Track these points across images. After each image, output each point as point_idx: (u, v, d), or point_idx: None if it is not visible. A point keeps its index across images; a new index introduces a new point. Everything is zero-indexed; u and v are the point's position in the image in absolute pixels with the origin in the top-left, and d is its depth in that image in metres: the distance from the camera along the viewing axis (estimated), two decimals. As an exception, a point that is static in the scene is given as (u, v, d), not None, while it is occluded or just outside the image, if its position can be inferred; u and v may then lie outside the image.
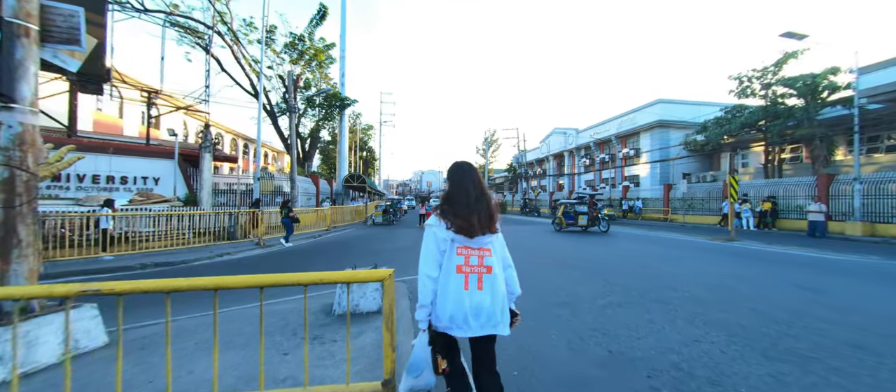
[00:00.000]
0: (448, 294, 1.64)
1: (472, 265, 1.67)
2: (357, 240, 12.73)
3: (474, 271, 1.67)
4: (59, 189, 11.84)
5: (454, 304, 1.62)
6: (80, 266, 7.60)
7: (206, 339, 3.30)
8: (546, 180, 47.21)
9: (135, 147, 13.95)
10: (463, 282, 1.64)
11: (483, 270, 1.68)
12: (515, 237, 12.87)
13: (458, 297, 1.62)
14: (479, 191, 1.74)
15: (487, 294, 1.65)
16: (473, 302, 1.63)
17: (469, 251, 1.69)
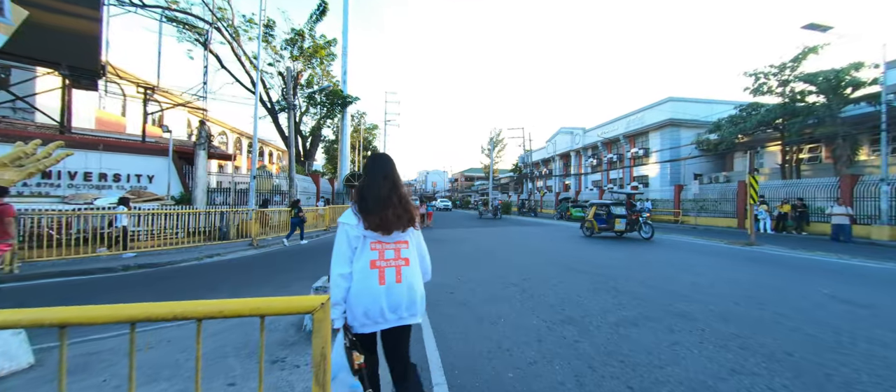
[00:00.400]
0: (362, 290, 1.61)
1: (387, 259, 1.66)
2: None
3: (391, 265, 1.66)
4: (49, 187, 11.55)
5: (370, 300, 1.61)
6: (62, 266, 7.22)
7: (146, 365, 2.81)
8: (552, 180, 46.41)
9: (128, 144, 13.65)
10: (378, 277, 1.62)
11: (401, 263, 1.68)
12: (531, 238, 12.31)
13: (373, 293, 1.61)
14: (391, 184, 1.70)
15: (405, 287, 1.66)
16: (391, 296, 1.63)
17: (383, 245, 1.67)
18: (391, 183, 1.72)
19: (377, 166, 1.77)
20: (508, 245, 10.79)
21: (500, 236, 13.56)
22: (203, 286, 5.96)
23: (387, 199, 1.68)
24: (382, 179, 1.72)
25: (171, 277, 6.68)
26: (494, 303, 4.63)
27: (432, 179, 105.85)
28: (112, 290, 5.78)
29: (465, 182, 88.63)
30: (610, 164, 33.87)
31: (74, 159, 11.63)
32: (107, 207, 9.68)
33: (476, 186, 77.09)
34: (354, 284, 1.62)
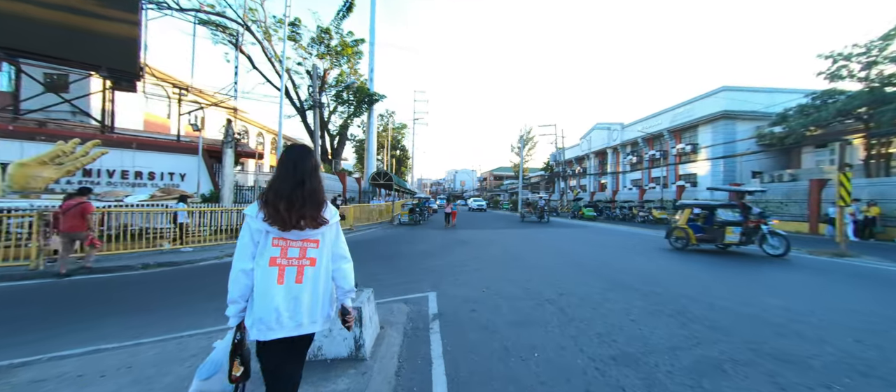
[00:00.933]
0: (260, 289, 1.51)
1: (290, 257, 1.56)
2: (377, 241, 11.75)
3: (293, 264, 1.55)
4: (91, 184, 12.03)
5: (266, 300, 1.50)
6: (135, 259, 7.19)
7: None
8: (586, 179, 44.03)
9: (160, 143, 14.03)
10: (276, 275, 1.52)
11: (305, 262, 1.57)
12: (563, 241, 11.20)
13: (270, 293, 1.50)
14: (297, 177, 1.57)
15: (307, 289, 1.55)
16: (289, 298, 1.52)
17: (287, 242, 1.56)
18: (298, 176, 1.59)
19: (287, 157, 1.64)
20: (540, 250, 9.77)
21: (531, 240, 12.51)
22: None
23: (288, 191, 1.56)
24: (290, 171, 1.60)
25: (191, 277, 6.39)
26: (526, 327, 3.75)
27: (461, 178, 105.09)
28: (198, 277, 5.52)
29: (495, 181, 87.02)
30: (652, 162, 31.32)
31: (112, 158, 12.03)
32: (136, 204, 9.80)
33: (505, 185, 75.33)
34: (255, 282, 1.53)
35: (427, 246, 10.55)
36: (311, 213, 1.56)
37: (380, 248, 10.02)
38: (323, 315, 1.59)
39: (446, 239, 12.38)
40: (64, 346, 3.22)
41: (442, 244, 10.90)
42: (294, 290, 1.52)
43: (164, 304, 4.76)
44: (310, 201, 1.57)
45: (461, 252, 9.20)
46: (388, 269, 6.97)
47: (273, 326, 1.49)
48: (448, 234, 14.32)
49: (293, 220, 1.53)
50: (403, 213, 19.65)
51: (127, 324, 3.90)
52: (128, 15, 13.78)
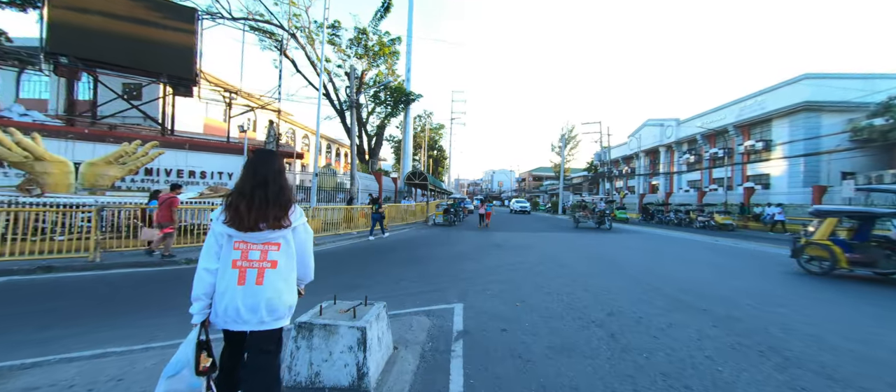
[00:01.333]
0: (222, 288, 1.61)
1: (251, 260, 1.62)
2: (408, 243, 11.46)
3: (253, 266, 1.61)
4: (151, 182, 13.06)
5: (228, 299, 1.59)
6: (130, 257, 7.63)
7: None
8: (635, 180, 40.94)
9: (211, 144, 14.90)
10: (237, 276, 1.60)
11: (266, 265, 1.63)
12: (608, 247, 10.11)
13: (231, 292, 1.59)
14: (262, 179, 1.64)
15: (266, 289, 1.61)
16: (251, 296, 1.59)
17: (248, 245, 1.63)
18: (259, 177, 1.65)
19: (250, 161, 1.75)
20: (584, 257, 8.84)
21: (573, 245, 11.51)
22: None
23: (249, 191, 1.63)
24: (251, 174, 1.67)
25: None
26: (567, 357, 3.10)
27: (498, 179, 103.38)
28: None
29: (534, 182, 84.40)
30: (713, 161, 28.16)
31: (168, 158, 12.96)
32: (185, 201, 10.37)
33: (545, 186, 72.70)
34: (217, 282, 1.62)
35: (459, 248, 10.04)
36: (276, 212, 1.62)
37: (409, 250, 9.69)
38: (287, 310, 1.67)
39: (480, 242, 11.78)
40: (86, 344, 3.15)
41: (475, 247, 10.33)
42: (253, 290, 1.59)
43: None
44: (274, 202, 1.62)
45: (495, 257, 8.57)
46: (415, 273, 6.56)
47: (236, 320, 1.59)
48: (482, 236, 13.71)
49: (252, 220, 1.59)
50: (438, 213, 19.33)
51: (144, 324, 3.83)
52: (186, 25, 14.85)
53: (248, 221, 1.59)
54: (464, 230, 16.41)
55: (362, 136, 22.50)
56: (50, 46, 12.40)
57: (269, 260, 1.63)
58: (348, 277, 6.21)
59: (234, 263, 1.60)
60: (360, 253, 9.26)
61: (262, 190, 1.62)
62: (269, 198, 1.62)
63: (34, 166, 9.41)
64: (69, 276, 6.25)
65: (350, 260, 8.08)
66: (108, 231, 8.42)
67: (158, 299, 4.82)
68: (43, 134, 11.25)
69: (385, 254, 9.00)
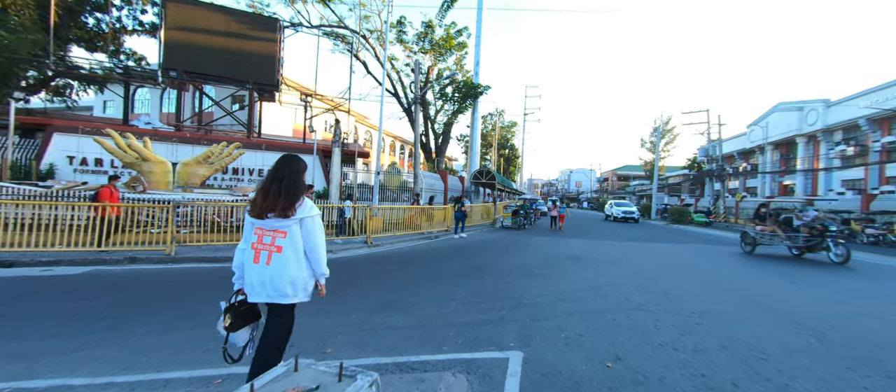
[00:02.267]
0: (243, 264, 2.05)
1: (264, 243, 1.98)
2: (469, 248, 10.27)
3: (266, 248, 1.97)
4: (237, 180, 14.25)
5: (247, 273, 2.01)
6: (202, 252, 7.91)
7: None
8: (758, 179, 33.25)
9: (285, 144, 15.74)
10: (254, 256, 1.98)
11: (273, 249, 1.96)
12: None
13: (249, 268, 2.00)
14: (279, 176, 2.01)
15: (273, 269, 1.95)
16: (260, 274, 1.96)
17: (263, 232, 2.00)
18: (278, 175, 2.02)
19: (277, 162, 2.09)
20: (700, 280, 6.52)
21: (677, 260, 8.96)
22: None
23: (267, 186, 2.01)
24: (273, 172, 2.05)
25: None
26: None
27: (576, 179, 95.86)
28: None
29: (618, 182, 75.91)
30: (887, 153, 20.88)
31: (249, 158, 13.96)
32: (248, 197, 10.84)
33: (632, 187, 64.66)
34: (242, 260, 2.06)
35: (526, 259, 8.47)
36: (284, 203, 1.96)
37: (467, 258, 8.46)
38: (292, 289, 1.99)
39: (553, 251, 9.98)
40: (112, 360, 2.68)
41: (546, 258, 8.64)
42: (264, 269, 1.96)
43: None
44: (284, 194, 1.97)
45: (572, 274, 6.84)
46: (467, 291, 5.32)
47: (251, 292, 2.00)
48: (555, 243, 11.79)
49: (263, 209, 1.96)
50: (506, 215, 17.74)
51: (153, 337, 3.32)
52: (269, 34, 15.97)
53: (260, 210, 1.97)
54: (534, 235, 14.57)
55: (429, 133, 22.08)
56: (165, 63, 14.36)
57: (275, 245, 1.97)
58: (389, 291, 5.27)
59: (252, 245, 2.00)
60: (414, 258, 8.36)
61: (277, 185, 1.98)
62: (281, 191, 1.97)
63: (141, 166, 10.69)
64: (146, 268, 6.54)
65: (400, 266, 7.21)
66: (186, 226, 9.02)
67: (185, 304, 4.45)
68: (154, 138, 12.95)
69: (439, 261, 7.94)
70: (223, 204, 9.28)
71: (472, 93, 21.42)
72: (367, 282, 5.89)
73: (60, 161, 11.93)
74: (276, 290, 1.93)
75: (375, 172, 13.50)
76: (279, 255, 1.93)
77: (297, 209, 1.96)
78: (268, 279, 1.93)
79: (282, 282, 1.92)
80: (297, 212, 1.96)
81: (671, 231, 19.65)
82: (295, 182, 1.99)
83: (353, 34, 18.88)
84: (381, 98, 13.34)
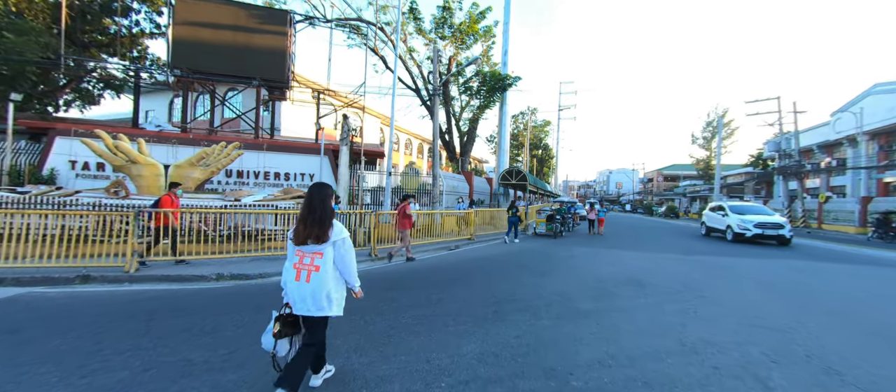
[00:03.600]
0: (286, 281, 2.40)
1: (304, 264, 2.34)
2: (494, 264, 8.25)
3: (305, 268, 2.33)
4: (241, 184, 13.22)
5: (290, 289, 2.36)
6: (162, 269, 6.60)
7: None
8: (846, 176, 27.95)
9: (290, 144, 14.56)
10: (295, 274, 2.34)
11: (311, 268, 2.33)
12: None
13: (292, 285, 2.35)
14: (308, 207, 2.35)
15: (313, 286, 2.31)
16: (301, 290, 2.32)
17: (303, 254, 2.36)
18: (310, 205, 2.35)
19: (309, 194, 2.41)
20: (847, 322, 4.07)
21: (788, 285, 6.35)
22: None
23: (305, 216, 2.34)
24: (307, 204, 2.37)
25: (246, 300, 4.59)
26: None
27: (616, 180, 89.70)
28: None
29: (665, 182, 69.62)
30: None
31: (256, 160, 12.88)
32: (247, 205, 9.55)
33: (681, 188, 58.74)
34: (286, 277, 2.40)
35: (566, 284, 6.30)
36: (318, 232, 2.31)
37: (483, 282, 6.43)
38: (328, 305, 2.34)
39: (602, 270, 7.68)
40: None
41: (595, 283, 6.41)
42: (303, 286, 2.31)
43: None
44: (318, 224, 2.32)
45: (641, 315, 4.62)
46: (471, 349, 3.36)
47: (294, 306, 2.35)
48: (604, 257, 9.42)
49: (303, 237, 2.33)
50: (539, 220, 15.42)
51: None
52: (279, 28, 14.97)
53: (301, 237, 2.33)
54: (573, 244, 12.19)
55: (453, 131, 20.24)
56: (173, 62, 13.74)
57: (314, 265, 2.33)
58: (354, 341, 3.44)
59: (294, 265, 2.36)
60: (416, 279, 6.48)
61: (313, 216, 2.33)
62: (315, 221, 2.32)
63: (130, 169, 9.77)
64: (93, 292, 5.27)
65: (391, 294, 5.36)
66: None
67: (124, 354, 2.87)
68: (153, 141, 12.17)
69: (448, 286, 6.00)
70: (210, 211, 7.99)
71: (499, 85, 19.32)
72: (332, 326, 4.10)
73: (62, 166, 11.47)
74: (315, 303, 2.30)
75: (386, 173, 11.87)
76: (317, 273, 2.32)
77: (331, 234, 2.34)
78: (308, 294, 2.29)
79: (320, 297, 2.30)
80: (331, 236, 2.34)
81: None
82: (326, 210, 2.34)
83: (368, 26, 17.57)
84: (393, 87, 11.71)
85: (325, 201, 2.35)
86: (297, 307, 2.31)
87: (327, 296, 2.31)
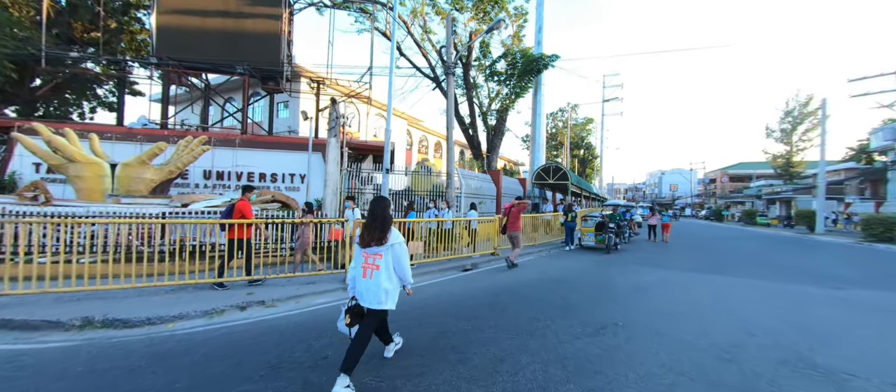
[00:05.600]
0: (354, 278, 2.85)
1: (368, 263, 2.77)
2: (519, 302, 5.18)
3: (369, 267, 2.77)
4: (223, 188, 11.29)
5: (358, 285, 2.81)
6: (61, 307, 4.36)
7: None
8: None
9: (273, 140, 12.48)
10: (361, 272, 2.79)
11: (372, 267, 2.76)
12: None
13: (360, 282, 2.79)
14: (372, 216, 2.82)
15: (375, 282, 2.73)
16: (366, 285, 2.75)
17: (367, 255, 2.80)
18: (372, 215, 2.82)
19: (372, 204, 2.88)
20: None
21: None
22: None
23: (369, 224, 2.80)
24: (370, 212, 2.85)
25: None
26: None
27: (670, 181, 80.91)
28: None
29: (731, 183, 60.85)
30: None
31: (226, 158, 10.88)
32: (188, 214, 7.32)
33: (754, 188, 50.52)
34: (354, 275, 2.87)
35: (649, 357, 3.13)
36: (378, 236, 2.76)
37: (489, 347, 3.44)
38: (388, 299, 2.76)
39: (710, 320, 4.34)
40: None
41: (715, 356, 3.16)
42: (368, 282, 2.75)
43: None
44: (378, 229, 2.77)
45: None
46: None
47: (361, 299, 2.77)
48: (690, 286, 5.95)
49: (367, 241, 2.79)
50: (585, 229, 11.97)
51: None
52: (273, 10, 13.07)
53: (366, 241, 2.79)
54: (636, 263, 8.69)
55: (476, 124, 17.27)
56: (157, 51, 12.29)
57: (375, 265, 2.75)
58: None
59: (361, 265, 2.79)
60: (423, 319, 3.63)
61: (374, 223, 2.78)
62: (376, 228, 2.77)
63: (68, 169, 8.00)
64: None
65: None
66: (92, 251, 5.78)
67: None
68: (115, 137, 10.56)
69: (427, 356, 3.07)
70: (142, 221, 5.80)
71: (533, 66, 16.11)
72: None
73: (26, 168, 10.18)
74: (374, 297, 2.71)
75: (384, 170, 9.26)
76: (377, 271, 2.73)
77: (389, 238, 2.78)
78: (371, 289, 2.72)
79: (379, 292, 2.71)
80: (389, 240, 2.78)
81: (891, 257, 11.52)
82: (385, 219, 2.80)
83: (376, 5, 15.28)
84: (391, 58, 9.08)
85: (385, 211, 2.80)
86: (363, 300, 2.74)
87: (385, 291, 2.72)
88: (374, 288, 2.70)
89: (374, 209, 2.82)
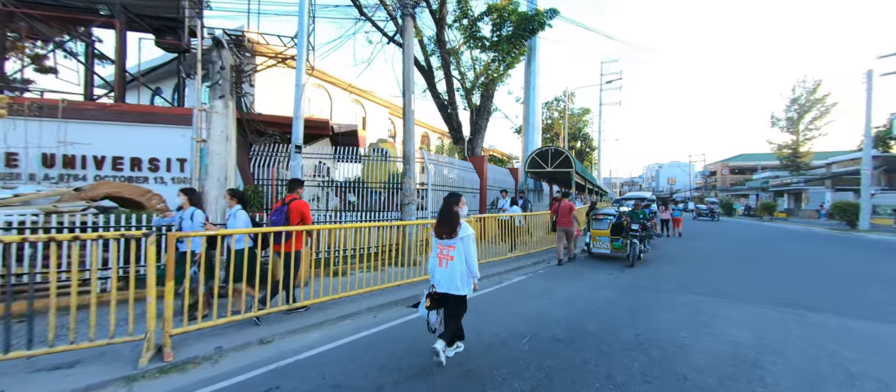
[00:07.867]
0: (432, 268, 3.26)
1: (444, 254, 3.17)
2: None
3: (444, 257, 3.16)
4: (73, 179, 7.80)
5: (434, 273, 3.22)
6: None
7: None
8: None
9: (137, 110, 9.02)
10: (438, 262, 3.20)
11: (447, 258, 3.15)
12: None
13: (437, 271, 3.19)
14: (444, 211, 3.20)
15: (448, 271, 3.13)
16: (442, 274, 3.15)
17: (441, 246, 3.19)
18: (442, 211, 3.21)
19: (444, 201, 3.26)
20: None
21: None
22: None
23: (441, 218, 3.20)
24: (443, 207, 3.23)
25: None
26: None
27: (668, 175, 78.52)
28: None
29: (733, 175, 58.44)
30: None
31: (80, 134, 7.42)
32: None
33: (758, 180, 48.03)
34: (431, 265, 3.28)
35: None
36: (448, 230, 3.13)
37: None
38: (461, 285, 3.12)
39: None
40: None
41: None
42: (443, 271, 3.16)
43: None
44: (448, 223, 3.15)
45: None
46: None
47: (438, 286, 3.17)
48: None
49: (440, 233, 3.17)
50: (596, 233, 8.75)
51: None
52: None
53: (439, 233, 3.17)
54: (685, 288, 5.51)
55: (454, 101, 13.87)
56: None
57: (449, 256, 3.13)
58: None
59: (437, 255, 3.21)
60: None
61: (443, 218, 3.17)
62: (445, 222, 3.15)
63: None
64: None
65: None
66: None
67: None
68: None
69: None
70: None
71: (525, 26, 12.79)
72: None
73: None
74: (451, 284, 3.09)
75: (293, 144, 5.92)
76: (452, 262, 3.11)
77: (459, 232, 3.11)
78: (447, 277, 3.11)
79: (455, 279, 3.08)
80: (459, 233, 3.11)
81: None
82: (455, 214, 3.13)
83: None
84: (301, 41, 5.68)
85: (453, 207, 3.15)
86: (441, 287, 3.14)
87: (461, 277, 3.10)
88: (451, 276, 3.11)
89: (446, 205, 3.21)
